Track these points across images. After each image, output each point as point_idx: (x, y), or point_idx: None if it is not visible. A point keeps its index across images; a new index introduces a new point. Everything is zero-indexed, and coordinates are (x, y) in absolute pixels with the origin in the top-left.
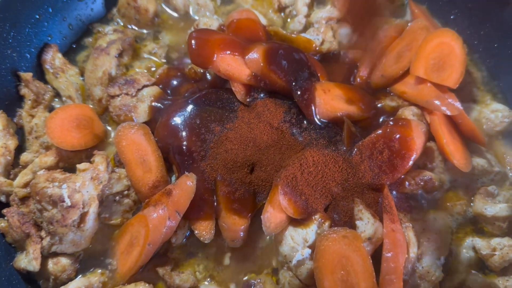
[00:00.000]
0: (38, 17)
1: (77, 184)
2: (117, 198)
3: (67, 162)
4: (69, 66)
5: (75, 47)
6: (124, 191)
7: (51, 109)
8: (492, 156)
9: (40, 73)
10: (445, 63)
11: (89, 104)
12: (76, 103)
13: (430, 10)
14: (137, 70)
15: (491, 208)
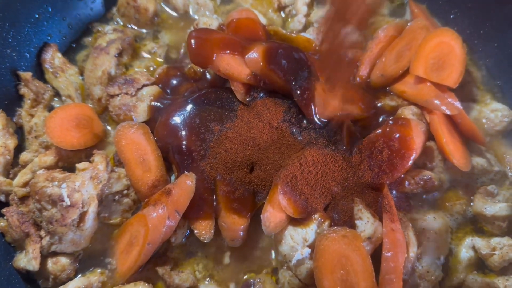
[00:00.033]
0: (38, 17)
1: (77, 184)
2: (117, 198)
3: (67, 162)
4: (69, 66)
5: (75, 47)
6: (124, 191)
7: (51, 109)
8: (492, 156)
9: (40, 73)
10: (445, 63)
11: (89, 104)
12: (76, 103)
13: (430, 10)
14: (137, 70)
15: (491, 208)
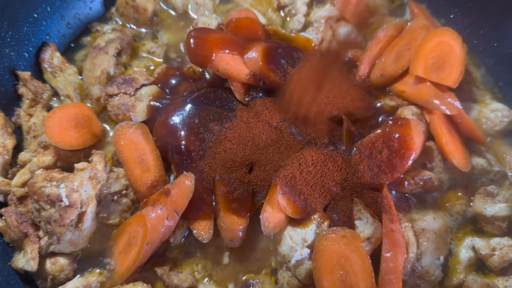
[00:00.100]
0: (37, 16)
1: (75, 184)
2: (115, 198)
3: (65, 162)
4: (68, 65)
5: (74, 46)
6: (122, 191)
7: (49, 108)
8: (492, 156)
9: (38, 72)
10: (445, 63)
11: (87, 103)
12: (74, 102)
13: (430, 9)
14: (136, 69)
15: (491, 208)
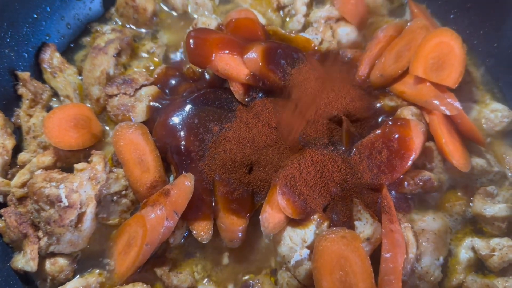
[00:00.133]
0: (36, 16)
1: (75, 184)
2: (115, 198)
3: (65, 162)
4: (67, 66)
5: (73, 47)
6: (122, 191)
7: (49, 109)
8: (492, 156)
9: (38, 73)
10: (445, 63)
11: (87, 104)
12: (74, 103)
13: (430, 10)
14: (135, 70)
15: (491, 208)
